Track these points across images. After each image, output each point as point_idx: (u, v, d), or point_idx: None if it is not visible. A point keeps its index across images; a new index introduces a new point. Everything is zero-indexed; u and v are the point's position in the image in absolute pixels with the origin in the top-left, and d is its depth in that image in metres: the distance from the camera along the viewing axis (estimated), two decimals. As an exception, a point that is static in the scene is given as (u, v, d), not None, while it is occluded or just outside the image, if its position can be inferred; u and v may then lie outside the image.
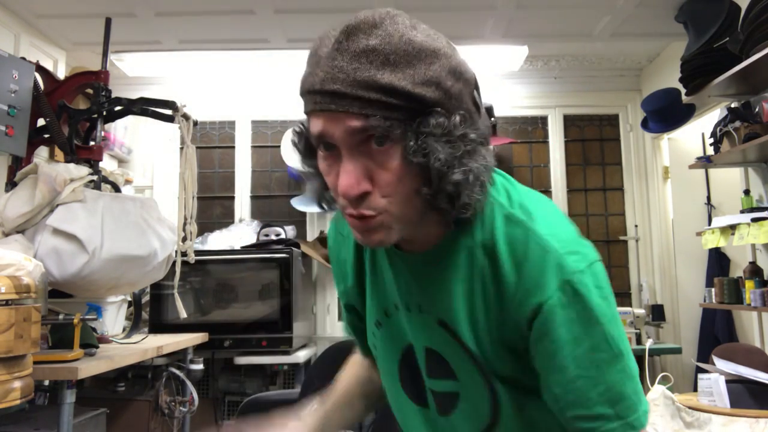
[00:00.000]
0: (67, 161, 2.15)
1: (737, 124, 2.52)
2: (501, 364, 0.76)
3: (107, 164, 3.42)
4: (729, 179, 3.18)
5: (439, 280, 0.79)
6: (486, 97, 3.94)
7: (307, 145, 0.77)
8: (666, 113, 3.05)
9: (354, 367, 1.11)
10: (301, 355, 3.08)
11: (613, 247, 3.84)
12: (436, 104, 0.69)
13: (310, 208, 3.64)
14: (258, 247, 3.30)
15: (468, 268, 0.76)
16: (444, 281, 0.78)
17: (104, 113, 2.26)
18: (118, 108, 2.24)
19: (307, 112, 0.72)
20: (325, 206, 0.80)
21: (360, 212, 0.70)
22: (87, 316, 1.89)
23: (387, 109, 0.67)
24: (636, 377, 0.75)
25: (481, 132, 0.74)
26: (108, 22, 2.41)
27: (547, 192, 3.82)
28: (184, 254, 2.21)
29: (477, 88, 0.76)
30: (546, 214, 0.76)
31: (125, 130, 3.67)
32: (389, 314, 0.86)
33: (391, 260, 0.84)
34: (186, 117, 2.19)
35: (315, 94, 0.69)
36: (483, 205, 0.75)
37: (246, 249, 3.30)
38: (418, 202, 0.72)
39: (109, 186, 2.23)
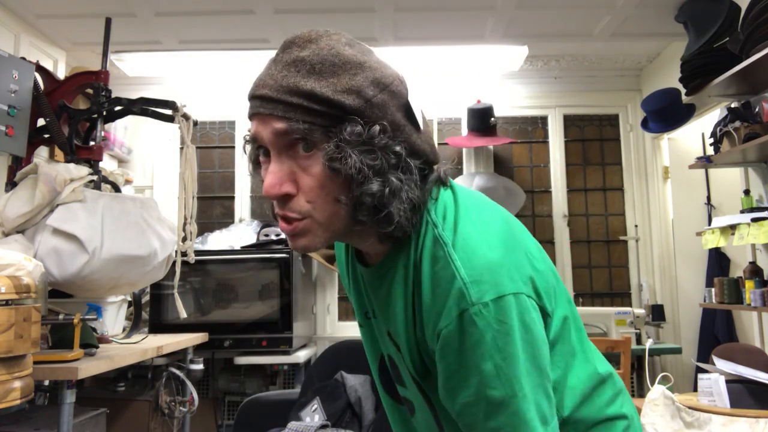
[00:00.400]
0: (67, 161, 2.15)
1: (737, 124, 2.52)
2: (431, 380, 0.77)
3: (107, 164, 3.43)
4: (729, 179, 3.18)
5: (384, 294, 0.81)
6: (486, 97, 3.92)
7: (254, 154, 0.79)
8: (666, 113, 3.05)
9: None
10: (301, 355, 3.08)
11: (613, 247, 3.84)
12: (356, 112, 0.71)
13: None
14: (258, 247, 3.30)
15: (404, 286, 0.77)
16: (388, 295, 0.80)
17: (104, 113, 2.26)
18: (118, 108, 2.24)
19: (249, 118, 0.77)
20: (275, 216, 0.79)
21: (284, 213, 0.73)
22: (87, 316, 1.89)
23: (308, 114, 0.70)
24: (535, 424, 0.69)
25: (414, 147, 0.75)
26: (108, 22, 2.41)
27: (547, 192, 3.83)
28: (184, 254, 2.21)
29: (409, 106, 0.76)
30: (475, 237, 0.73)
31: (125, 130, 3.67)
32: (368, 317, 0.90)
33: (356, 272, 0.88)
34: (186, 117, 2.19)
35: (250, 100, 0.75)
36: (419, 223, 0.76)
37: (246, 249, 3.30)
38: (341, 212, 0.73)
39: (109, 186, 2.23)
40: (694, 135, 3.48)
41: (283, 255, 3.11)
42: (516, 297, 0.70)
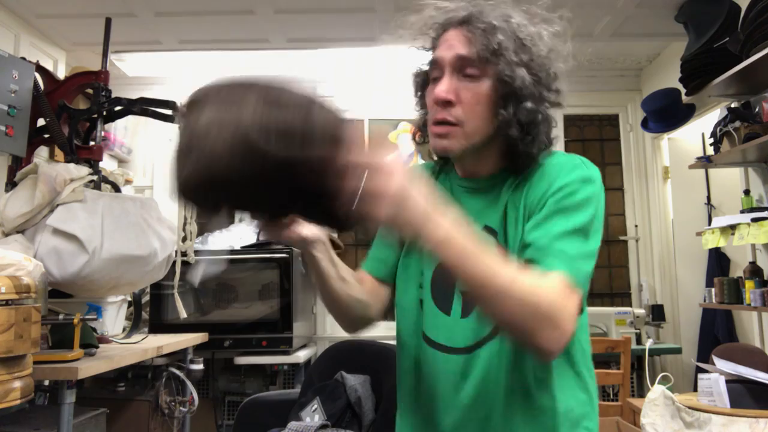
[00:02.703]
0: (67, 161, 2.15)
1: (737, 124, 2.52)
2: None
3: (107, 164, 3.42)
4: (729, 179, 3.18)
5: (491, 195, 0.98)
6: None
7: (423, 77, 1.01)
8: (666, 113, 3.05)
9: None
10: (301, 355, 3.08)
11: (613, 247, 3.84)
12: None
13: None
14: (258, 247, 3.30)
15: (513, 191, 0.96)
16: (495, 197, 0.98)
17: (104, 113, 2.26)
18: (118, 108, 2.24)
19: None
20: (418, 141, 1.03)
21: (443, 116, 0.91)
22: (87, 316, 1.89)
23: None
24: (589, 259, 0.90)
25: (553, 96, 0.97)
26: (108, 22, 2.41)
27: (547, 192, 3.83)
28: (184, 254, 2.21)
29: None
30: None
31: (125, 130, 3.67)
32: None
33: (454, 191, 1.03)
34: (186, 117, 2.18)
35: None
36: (541, 158, 0.96)
37: (246, 249, 3.29)
38: (487, 128, 0.93)
39: (109, 186, 2.23)
40: (694, 135, 3.48)
41: (283, 255, 3.11)
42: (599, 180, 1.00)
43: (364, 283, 1.08)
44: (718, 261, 3.36)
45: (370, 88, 3.71)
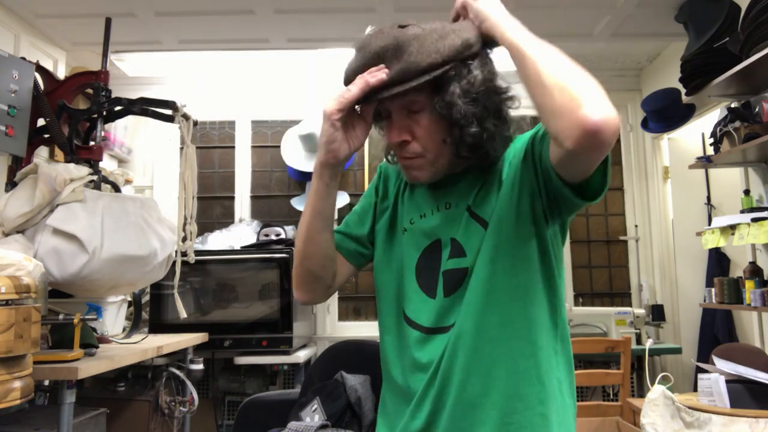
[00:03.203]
0: (67, 161, 2.15)
1: (737, 124, 2.52)
2: (499, 216, 0.99)
3: (107, 164, 3.43)
4: (729, 179, 3.18)
5: (472, 180, 1.04)
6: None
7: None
8: (666, 113, 3.05)
9: None
10: (301, 355, 3.08)
11: (613, 247, 3.84)
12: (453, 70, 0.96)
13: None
14: (258, 247, 3.30)
15: (492, 173, 1.03)
16: (476, 179, 1.04)
17: (104, 113, 2.26)
18: (118, 108, 2.24)
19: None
20: (390, 161, 1.13)
21: (403, 155, 1.00)
22: (87, 316, 1.89)
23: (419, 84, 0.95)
24: None
25: (505, 98, 1.01)
26: (108, 22, 2.41)
27: (547, 192, 3.83)
28: (184, 254, 2.21)
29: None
30: None
31: (125, 130, 3.67)
32: (413, 222, 1.09)
33: (417, 186, 1.10)
34: (186, 117, 2.19)
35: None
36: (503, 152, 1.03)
37: (246, 249, 3.30)
38: (446, 151, 0.99)
39: (109, 186, 2.23)
40: (694, 135, 3.48)
41: (283, 255, 3.11)
42: None
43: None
44: (718, 261, 3.36)
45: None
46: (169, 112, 2.19)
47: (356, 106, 1.00)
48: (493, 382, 0.97)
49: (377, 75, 0.94)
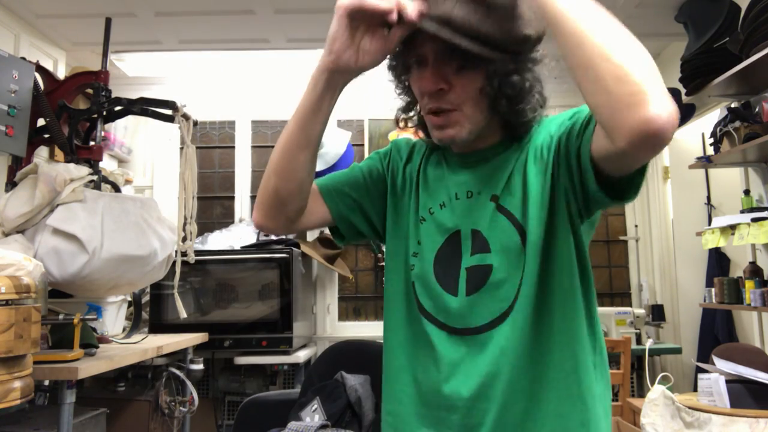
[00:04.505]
0: (67, 161, 2.15)
1: (737, 124, 2.52)
2: (539, 219, 0.90)
3: (107, 164, 3.43)
4: (729, 179, 3.18)
5: (493, 166, 0.95)
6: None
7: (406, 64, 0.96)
8: (666, 113, 3.04)
9: None
10: (301, 355, 3.08)
11: (613, 247, 3.84)
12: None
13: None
14: (258, 247, 3.30)
15: (517, 159, 0.94)
16: (498, 166, 0.95)
17: (104, 113, 2.26)
18: (118, 108, 2.24)
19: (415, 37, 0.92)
20: (401, 125, 1.03)
21: (438, 105, 0.90)
22: (87, 316, 1.89)
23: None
24: None
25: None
26: (108, 22, 2.41)
27: (547, 192, 3.83)
28: (184, 254, 2.21)
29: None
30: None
31: (125, 130, 3.67)
32: (433, 212, 0.99)
33: (449, 165, 1.01)
34: (186, 117, 2.19)
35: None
36: (535, 122, 0.95)
37: (246, 249, 3.30)
38: (484, 105, 0.90)
39: (109, 186, 2.23)
40: (694, 135, 3.48)
41: (283, 255, 3.11)
42: None
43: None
44: (718, 261, 3.36)
45: (369, 87, 3.71)
46: (169, 112, 2.19)
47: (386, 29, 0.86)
48: (538, 404, 0.90)
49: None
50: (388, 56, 0.91)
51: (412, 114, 1.00)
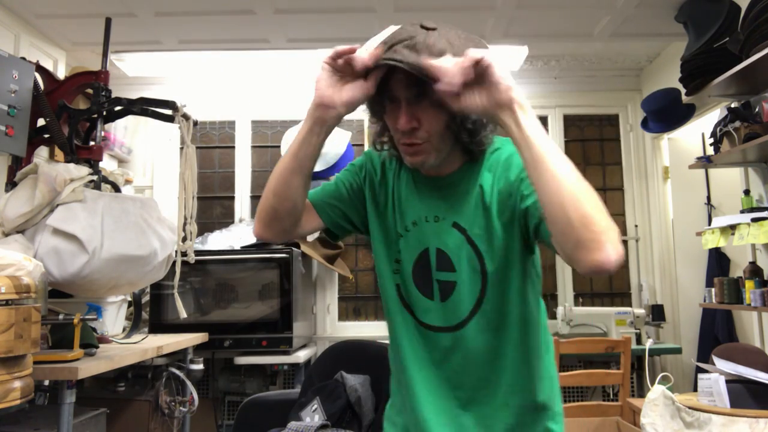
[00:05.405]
0: (67, 161, 2.15)
1: (737, 124, 2.52)
2: (498, 241, 1.07)
3: (107, 164, 3.43)
4: (729, 179, 3.18)
5: (458, 193, 1.11)
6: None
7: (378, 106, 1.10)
8: (666, 113, 3.05)
9: None
10: (301, 355, 3.08)
11: (613, 247, 3.83)
12: None
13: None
14: (258, 247, 3.30)
15: (476, 183, 1.10)
16: (461, 194, 1.11)
17: (104, 113, 2.26)
18: (118, 108, 2.24)
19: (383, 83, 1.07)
20: (378, 148, 1.17)
21: (411, 141, 1.04)
22: (87, 316, 1.89)
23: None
24: None
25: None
26: (108, 22, 2.41)
27: (547, 192, 3.82)
28: (184, 254, 2.21)
29: None
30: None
31: (125, 130, 3.67)
32: (408, 229, 1.16)
33: (417, 187, 1.16)
34: (186, 117, 2.19)
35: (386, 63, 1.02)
36: (489, 146, 1.10)
37: (246, 249, 3.30)
38: (448, 137, 1.05)
39: (109, 186, 2.23)
40: (694, 135, 3.48)
41: (283, 255, 3.11)
42: None
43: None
44: (718, 261, 3.36)
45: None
46: (169, 112, 2.19)
47: (363, 78, 1.03)
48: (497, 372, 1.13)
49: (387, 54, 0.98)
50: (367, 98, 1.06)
51: (385, 138, 1.15)
